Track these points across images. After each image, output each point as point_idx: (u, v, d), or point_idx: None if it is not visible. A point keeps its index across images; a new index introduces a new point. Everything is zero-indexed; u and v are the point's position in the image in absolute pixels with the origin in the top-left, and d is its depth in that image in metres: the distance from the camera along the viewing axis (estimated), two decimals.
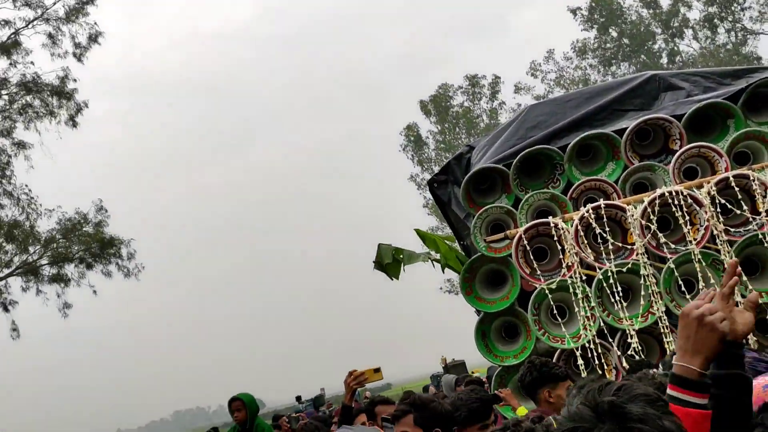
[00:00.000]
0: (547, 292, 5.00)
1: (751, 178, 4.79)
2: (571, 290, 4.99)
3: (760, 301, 4.68)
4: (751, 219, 4.79)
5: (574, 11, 33.20)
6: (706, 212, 4.81)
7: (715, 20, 29.04)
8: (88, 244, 21.08)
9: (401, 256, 6.45)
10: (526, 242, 5.11)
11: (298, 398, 17.02)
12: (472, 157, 6.16)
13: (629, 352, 4.80)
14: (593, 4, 32.26)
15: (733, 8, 28.62)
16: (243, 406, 5.50)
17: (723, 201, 4.83)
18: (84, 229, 21.28)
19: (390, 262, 6.31)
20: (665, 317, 4.83)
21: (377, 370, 3.57)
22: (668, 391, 1.49)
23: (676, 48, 31.62)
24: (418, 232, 6.69)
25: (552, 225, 5.08)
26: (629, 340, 4.83)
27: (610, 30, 32.67)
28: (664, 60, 32.04)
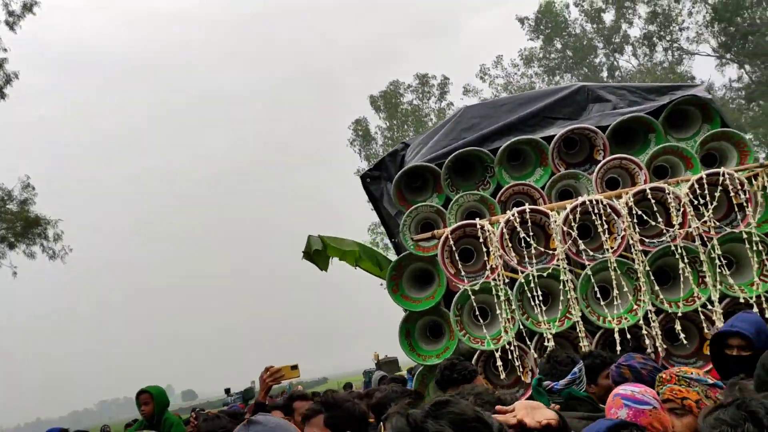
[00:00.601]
0: (470, 293, 5.07)
1: (667, 191, 4.98)
2: (493, 292, 5.08)
3: (669, 311, 4.89)
4: (664, 231, 4.98)
5: (522, 20, 33.88)
6: (623, 222, 4.98)
7: (654, 38, 30.15)
8: (11, 223, 20.11)
9: (328, 249, 6.41)
10: (452, 242, 5.17)
11: (227, 391, 16.71)
12: (406, 155, 6.19)
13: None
14: (540, 16, 32.99)
15: (671, 28, 29.79)
16: (150, 399, 5.28)
17: (640, 212, 5.01)
18: (7, 206, 20.28)
19: (319, 250, 6.27)
20: (581, 322, 4.98)
21: (294, 367, 3.51)
22: None
23: (616, 63, 32.67)
24: (321, 238, 6.56)
25: (478, 227, 5.15)
26: (546, 343, 4.95)
27: (555, 41, 33.50)
28: (605, 74, 33.06)
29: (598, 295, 5.01)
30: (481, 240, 5.14)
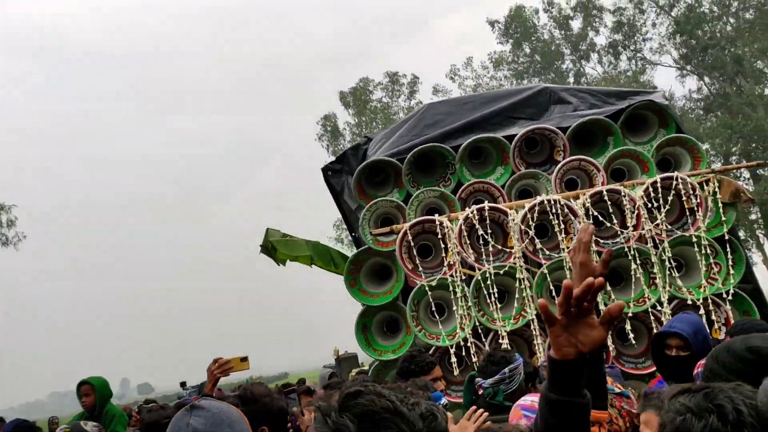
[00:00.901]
0: (427, 289, 5.08)
1: (623, 193, 5.08)
2: (450, 289, 5.10)
3: (634, 309, 4.98)
4: (619, 232, 5.07)
5: (492, 24, 34.16)
6: (580, 222, 5.05)
7: (619, 47, 30.73)
8: None
9: (278, 253, 6.34)
10: (411, 238, 5.17)
11: (183, 384, 16.45)
12: (368, 149, 6.17)
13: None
14: (509, 20, 33.31)
15: (636, 38, 30.39)
16: (92, 391, 5.13)
17: (596, 213, 5.09)
18: None
19: (278, 243, 6.20)
20: (536, 320, 5.04)
21: (244, 359, 3.42)
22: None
23: (582, 70, 33.19)
24: (271, 241, 6.47)
25: (437, 223, 5.17)
26: (501, 340, 4.99)
27: (524, 46, 33.87)
28: (571, 80, 33.54)
29: (554, 294, 5.07)
30: (439, 236, 5.16)
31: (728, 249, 5.15)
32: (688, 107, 29.03)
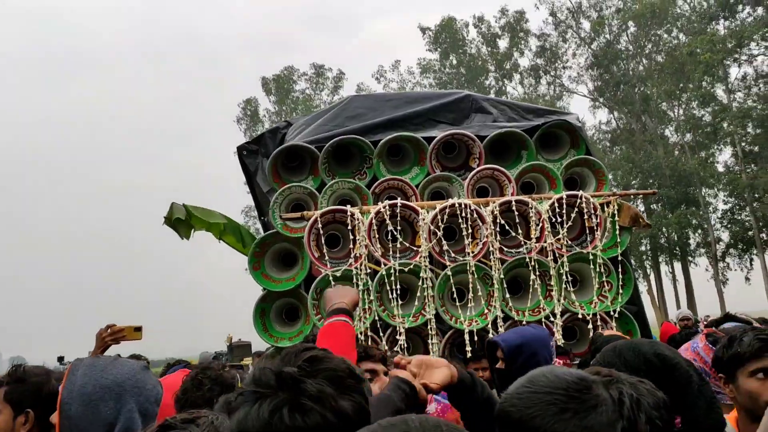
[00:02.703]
0: (331, 279, 5.04)
1: (530, 205, 5.24)
2: (354, 281, 5.08)
3: (516, 318, 5.14)
4: (523, 243, 5.24)
5: (423, 30, 34.69)
6: (487, 229, 5.17)
7: (540, 71, 32.06)
8: None
9: (192, 218, 6.13)
10: (320, 226, 5.11)
11: (60, 359, 15.56)
12: (287, 134, 6.06)
13: (395, 349, 4.99)
14: (440, 29, 33.96)
15: (556, 65, 31.81)
16: None
17: (503, 222, 5.23)
18: None
19: (181, 218, 5.98)
20: (434, 320, 5.11)
21: (138, 329, 3.27)
22: None
23: (504, 88, 34.32)
24: (186, 207, 6.28)
25: (349, 214, 5.14)
26: (398, 337, 5.02)
27: (451, 57, 34.62)
28: (492, 96, 34.68)
29: (454, 296, 5.17)
30: (349, 228, 5.13)
31: (620, 270, 5.43)
32: (597, 138, 30.64)
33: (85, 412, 1.72)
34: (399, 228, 5.16)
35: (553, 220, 5.31)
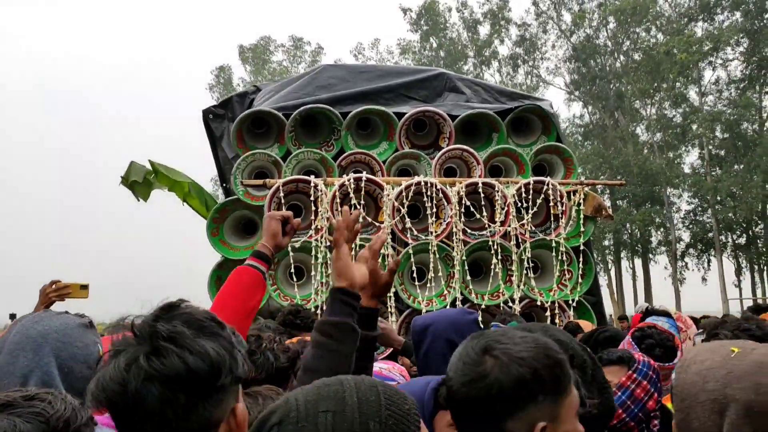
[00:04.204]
0: (289, 249, 4.92)
1: (497, 188, 5.18)
2: (313, 253, 4.98)
3: (475, 302, 5.10)
4: (486, 225, 5.18)
5: (405, 11, 34.32)
6: (451, 209, 5.10)
7: (519, 61, 32.03)
8: None
9: (152, 177, 5.93)
10: (282, 195, 4.98)
11: (12, 316, 15.17)
12: (256, 99, 5.89)
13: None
14: (422, 11, 33.63)
15: (535, 55, 31.82)
16: None
17: (468, 203, 5.16)
18: None
19: (138, 181, 5.78)
20: (393, 299, 5.04)
21: (84, 287, 3.11)
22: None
23: (481, 75, 34.25)
24: (152, 163, 6.10)
25: (312, 184, 5.02)
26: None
27: (432, 39, 34.36)
28: (467, 76, 34.58)
29: (414, 276, 5.10)
30: (312, 198, 5.02)
31: (581, 260, 5.42)
32: (569, 131, 30.82)
33: (6, 362, 1.60)
34: (363, 203, 5.06)
35: (519, 205, 5.27)
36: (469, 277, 5.19)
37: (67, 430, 1.08)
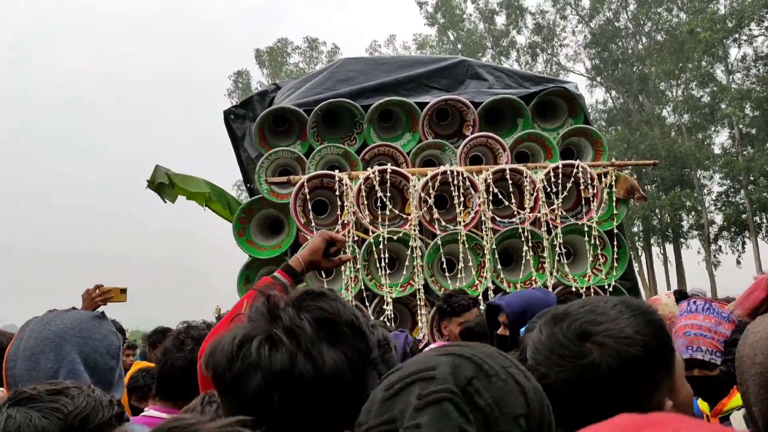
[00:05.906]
0: None
1: (525, 174, 5.07)
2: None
3: (508, 291, 5.00)
4: (516, 212, 5.07)
5: (421, 5, 34.15)
6: (479, 198, 5.01)
7: (537, 49, 31.69)
8: None
9: (175, 188, 5.92)
10: (307, 191, 4.94)
11: None
12: (276, 97, 5.85)
13: (382, 319, 4.85)
14: (439, 3, 33.42)
15: (553, 43, 31.44)
16: None
17: (496, 191, 5.06)
18: None
19: (165, 183, 5.77)
20: (423, 291, 4.97)
21: (124, 291, 3.23)
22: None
23: (500, 65, 34.04)
24: (168, 174, 5.98)
25: (337, 179, 4.97)
26: (385, 306, 4.88)
27: (449, 33, 34.16)
28: (488, 62, 34.33)
29: (444, 267, 5.02)
30: (337, 193, 4.97)
31: (615, 243, 5.28)
32: (593, 117, 30.40)
33: (27, 368, 1.56)
34: (389, 195, 4.99)
35: (548, 190, 5.15)
36: (500, 266, 5.09)
37: (85, 427, 1.04)
